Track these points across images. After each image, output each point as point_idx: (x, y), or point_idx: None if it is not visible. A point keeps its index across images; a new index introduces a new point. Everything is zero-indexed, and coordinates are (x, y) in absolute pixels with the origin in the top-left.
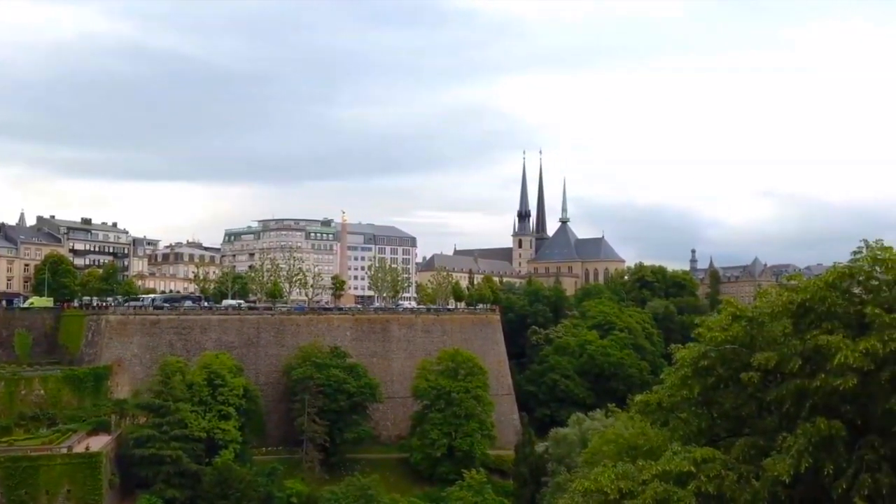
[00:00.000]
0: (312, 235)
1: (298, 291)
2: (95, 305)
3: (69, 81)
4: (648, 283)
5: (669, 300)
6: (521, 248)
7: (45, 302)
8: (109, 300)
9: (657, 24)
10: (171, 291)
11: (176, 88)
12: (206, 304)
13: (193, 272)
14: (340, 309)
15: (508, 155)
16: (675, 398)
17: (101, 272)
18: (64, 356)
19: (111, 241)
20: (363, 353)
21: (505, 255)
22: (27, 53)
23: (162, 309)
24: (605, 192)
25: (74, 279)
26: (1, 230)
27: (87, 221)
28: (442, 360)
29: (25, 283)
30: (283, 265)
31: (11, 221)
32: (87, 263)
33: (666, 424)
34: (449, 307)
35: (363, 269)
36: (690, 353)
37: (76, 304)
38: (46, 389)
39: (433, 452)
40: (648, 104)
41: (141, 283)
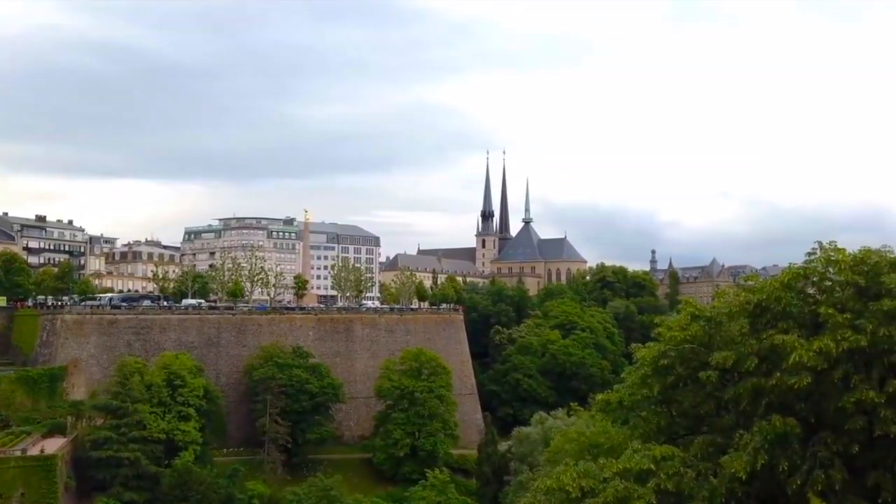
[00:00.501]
0: (274, 234)
1: (260, 291)
2: (50, 305)
3: (21, 75)
4: (610, 283)
5: (630, 300)
6: (484, 248)
7: None
8: (65, 299)
9: (619, 24)
10: (129, 290)
11: (133, 83)
12: (165, 303)
13: (152, 271)
14: (303, 308)
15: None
16: (635, 397)
17: (56, 271)
18: (17, 357)
19: (67, 238)
20: (326, 352)
21: (468, 255)
22: None
23: (120, 308)
24: (567, 192)
25: (28, 278)
26: None
27: (41, 219)
28: (405, 359)
29: None
30: (244, 264)
31: None
32: (41, 262)
33: (626, 423)
34: (412, 307)
35: (326, 268)
36: (650, 352)
37: (30, 303)
38: None
39: (396, 452)
40: (610, 106)
41: (98, 281)
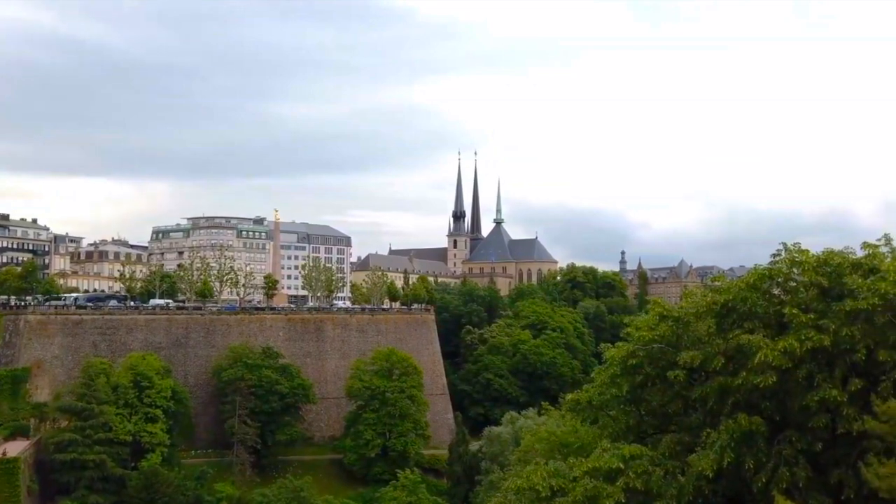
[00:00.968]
0: (244, 234)
1: (230, 291)
2: (13, 305)
3: None
4: (580, 283)
5: (600, 300)
6: (455, 248)
7: None
8: (29, 299)
9: (592, 27)
10: (95, 290)
11: (99, 80)
12: (132, 303)
13: (119, 271)
14: (273, 309)
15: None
16: (604, 396)
17: (19, 270)
18: None
19: (31, 237)
20: (296, 353)
21: (440, 255)
22: None
23: (85, 308)
24: (538, 194)
25: None
26: None
27: (4, 217)
28: (376, 360)
29: None
30: (213, 264)
31: None
32: (4, 261)
33: (596, 422)
34: (384, 307)
35: (297, 268)
36: (619, 352)
37: None
38: None
39: (367, 453)
40: (581, 108)
41: (63, 281)
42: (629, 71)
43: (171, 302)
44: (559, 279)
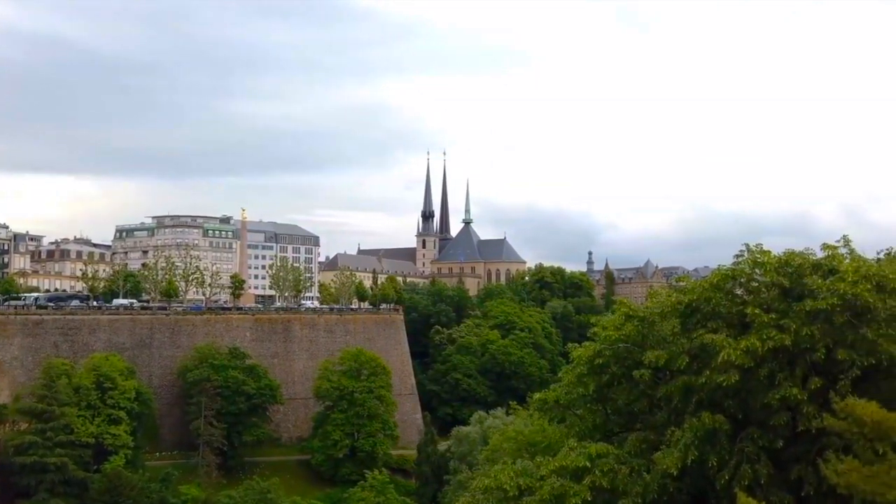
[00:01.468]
0: (210, 233)
1: (195, 291)
2: None
3: None
4: (548, 283)
5: (568, 300)
6: (424, 248)
7: None
8: None
9: (561, 29)
10: (56, 290)
11: (59, 76)
12: (95, 303)
13: (81, 270)
14: (240, 308)
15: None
16: (571, 395)
17: None
18: None
19: None
20: (263, 353)
21: (409, 255)
22: None
23: (46, 308)
24: (507, 194)
25: None
26: None
27: None
28: (345, 360)
29: None
30: (178, 263)
31: None
32: None
33: (563, 421)
34: (352, 307)
35: (264, 267)
36: (586, 351)
37: None
38: None
39: (335, 453)
40: (550, 109)
41: (23, 280)
42: (596, 72)
43: (135, 302)
44: (527, 279)
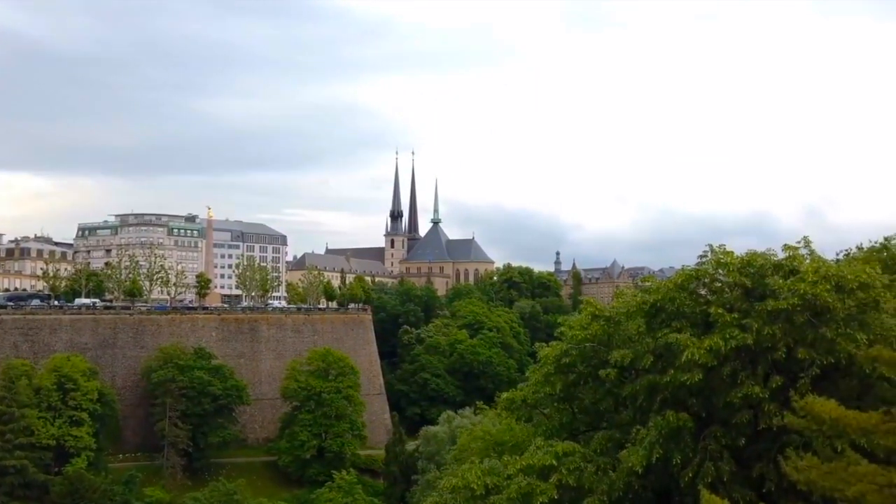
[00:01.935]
0: (176, 232)
1: (160, 290)
2: None
3: None
4: (516, 283)
5: (536, 300)
6: (393, 248)
7: None
8: None
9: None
10: (16, 289)
11: (21, 71)
12: (56, 302)
13: (42, 269)
14: (206, 308)
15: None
16: (538, 395)
17: None
18: None
19: None
20: (230, 353)
21: (377, 254)
22: None
23: (5, 308)
24: (475, 194)
25: None
26: None
27: None
28: (312, 360)
29: None
30: (143, 262)
31: None
32: None
33: (530, 420)
34: (320, 307)
35: (230, 267)
36: (553, 351)
37: None
38: None
39: (302, 454)
40: (518, 109)
41: None
42: (564, 73)
43: (97, 301)
44: (496, 279)
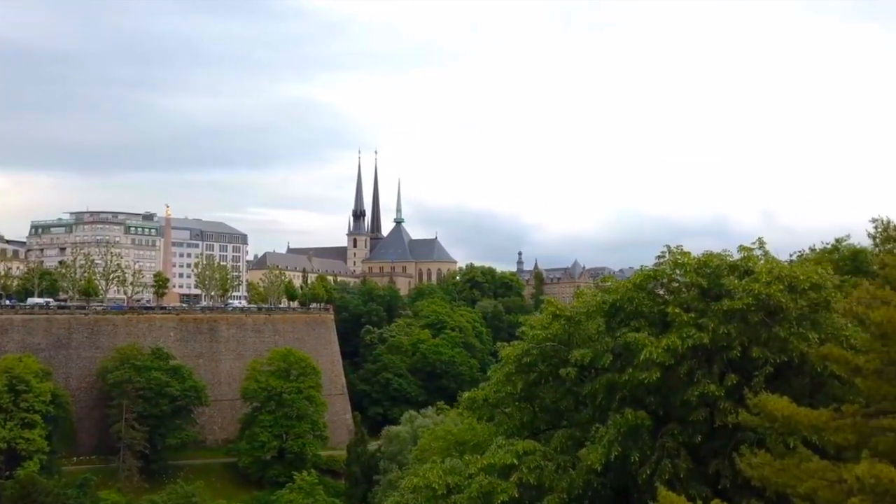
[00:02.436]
0: (132, 230)
1: (116, 290)
2: None
3: None
4: (479, 283)
5: (498, 300)
6: (355, 247)
7: None
8: None
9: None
10: None
11: None
12: (7, 302)
13: None
14: (163, 308)
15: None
16: (500, 394)
17: None
18: None
19: None
20: (188, 354)
21: (340, 254)
22: None
23: None
24: (438, 194)
25: None
26: None
27: None
28: (273, 360)
29: None
30: (98, 261)
31: None
32: None
33: (492, 419)
34: (281, 306)
35: (189, 266)
36: (514, 350)
37: None
38: None
39: (263, 455)
40: (480, 109)
41: None
42: (526, 72)
43: (51, 301)
44: (458, 279)
